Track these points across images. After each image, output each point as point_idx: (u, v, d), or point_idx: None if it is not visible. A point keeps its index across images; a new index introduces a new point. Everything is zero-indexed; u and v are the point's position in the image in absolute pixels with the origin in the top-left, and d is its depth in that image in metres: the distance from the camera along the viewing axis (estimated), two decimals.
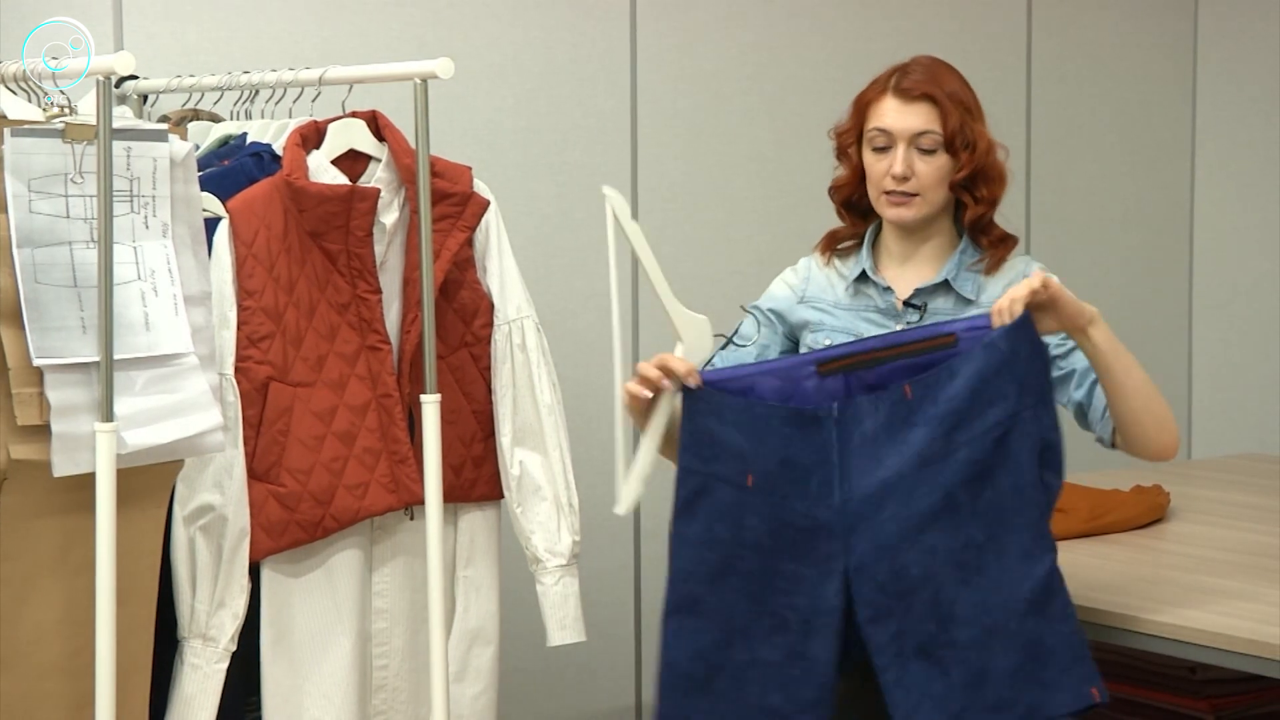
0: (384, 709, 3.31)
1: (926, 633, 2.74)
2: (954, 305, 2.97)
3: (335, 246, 3.18)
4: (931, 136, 2.95)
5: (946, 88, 2.96)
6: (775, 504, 2.77)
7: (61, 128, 2.66)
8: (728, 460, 2.78)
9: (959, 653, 2.74)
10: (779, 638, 2.78)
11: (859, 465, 2.75)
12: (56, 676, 2.73)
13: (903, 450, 2.74)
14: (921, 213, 2.97)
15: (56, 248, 2.65)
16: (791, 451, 2.76)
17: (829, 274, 3.07)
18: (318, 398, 3.16)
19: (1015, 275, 2.99)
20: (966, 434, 2.73)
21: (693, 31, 4.49)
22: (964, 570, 2.74)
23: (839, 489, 2.76)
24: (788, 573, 2.77)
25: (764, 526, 2.77)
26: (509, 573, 3.47)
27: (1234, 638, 2.98)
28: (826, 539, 2.76)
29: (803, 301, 3.07)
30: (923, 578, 2.74)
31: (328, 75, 3.20)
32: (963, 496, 2.73)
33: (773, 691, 2.78)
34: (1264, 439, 5.19)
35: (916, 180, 2.95)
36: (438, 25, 4.12)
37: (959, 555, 2.74)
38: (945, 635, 2.74)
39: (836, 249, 3.09)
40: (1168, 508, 3.95)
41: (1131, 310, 5.38)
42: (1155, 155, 5.40)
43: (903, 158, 2.95)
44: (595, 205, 4.34)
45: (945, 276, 2.97)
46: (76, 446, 2.64)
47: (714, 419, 2.78)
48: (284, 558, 3.17)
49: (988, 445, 2.73)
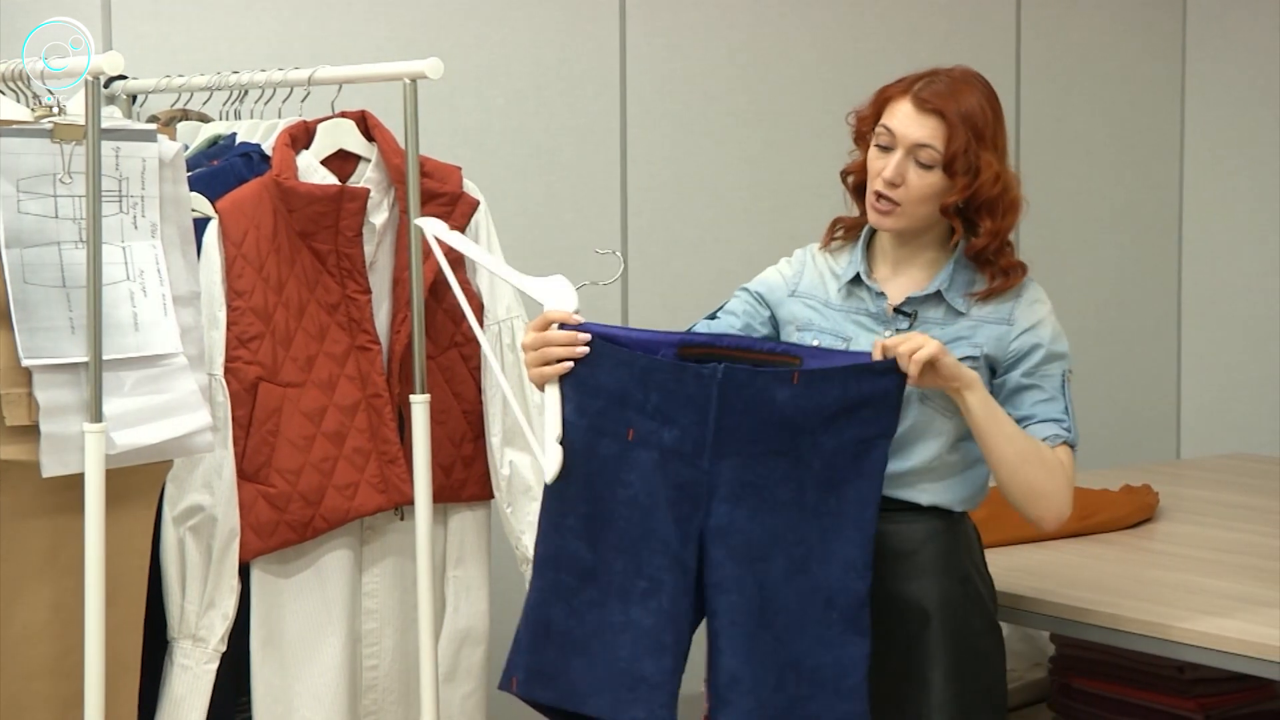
0: (374, 709, 3.31)
1: (757, 610, 2.78)
2: (944, 315, 2.95)
3: (324, 247, 3.17)
4: (930, 152, 2.90)
5: (963, 107, 2.90)
6: (654, 461, 2.79)
7: (50, 128, 2.66)
8: (610, 412, 2.79)
9: (776, 639, 2.78)
10: (653, 601, 2.80)
11: (728, 431, 2.77)
12: (45, 677, 2.73)
13: (772, 431, 2.77)
14: (900, 224, 2.93)
15: (45, 248, 2.65)
16: (671, 408, 2.78)
17: (823, 269, 3.05)
18: (307, 398, 3.16)
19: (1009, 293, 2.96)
20: (832, 439, 2.77)
21: (682, 32, 4.49)
22: (793, 564, 2.78)
23: (710, 451, 2.78)
24: (661, 533, 2.79)
25: (641, 484, 2.79)
26: (499, 573, 3.47)
27: (1222, 637, 2.99)
28: (691, 500, 2.78)
29: (794, 295, 3.06)
30: (760, 557, 2.78)
31: (317, 75, 3.19)
32: (811, 496, 2.78)
33: (644, 657, 2.79)
34: (1252, 439, 5.20)
35: (904, 190, 2.91)
36: (427, 25, 4.11)
37: (793, 548, 2.78)
38: (766, 618, 2.78)
39: (835, 237, 3.07)
40: (1156, 507, 3.96)
41: (1121, 309, 5.39)
42: (1144, 155, 5.41)
43: (896, 164, 2.91)
44: (585, 205, 4.37)
45: (938, 287, 2.96)
46: (65, 447, 2.64)
47: (596, 368, 2.80)
48: (274, 558, 3.17)
49: (847, 456, 2.78)
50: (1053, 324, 2.97)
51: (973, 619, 2.93)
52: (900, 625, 2.90)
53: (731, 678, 2.78)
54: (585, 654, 2.82)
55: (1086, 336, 5.26)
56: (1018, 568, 3.41)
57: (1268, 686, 3.74)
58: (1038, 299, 2.98)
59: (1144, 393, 5.44)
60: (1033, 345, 2.93)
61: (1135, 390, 5.42)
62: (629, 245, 4.42)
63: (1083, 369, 5.20)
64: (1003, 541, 3.55)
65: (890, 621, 2.88)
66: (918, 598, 2.91)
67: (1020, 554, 3.55)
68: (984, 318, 2.94)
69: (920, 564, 2.91)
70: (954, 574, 2.92)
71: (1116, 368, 5.37)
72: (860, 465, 2.78)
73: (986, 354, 2.92)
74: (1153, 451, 5.38)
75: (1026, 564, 3.47)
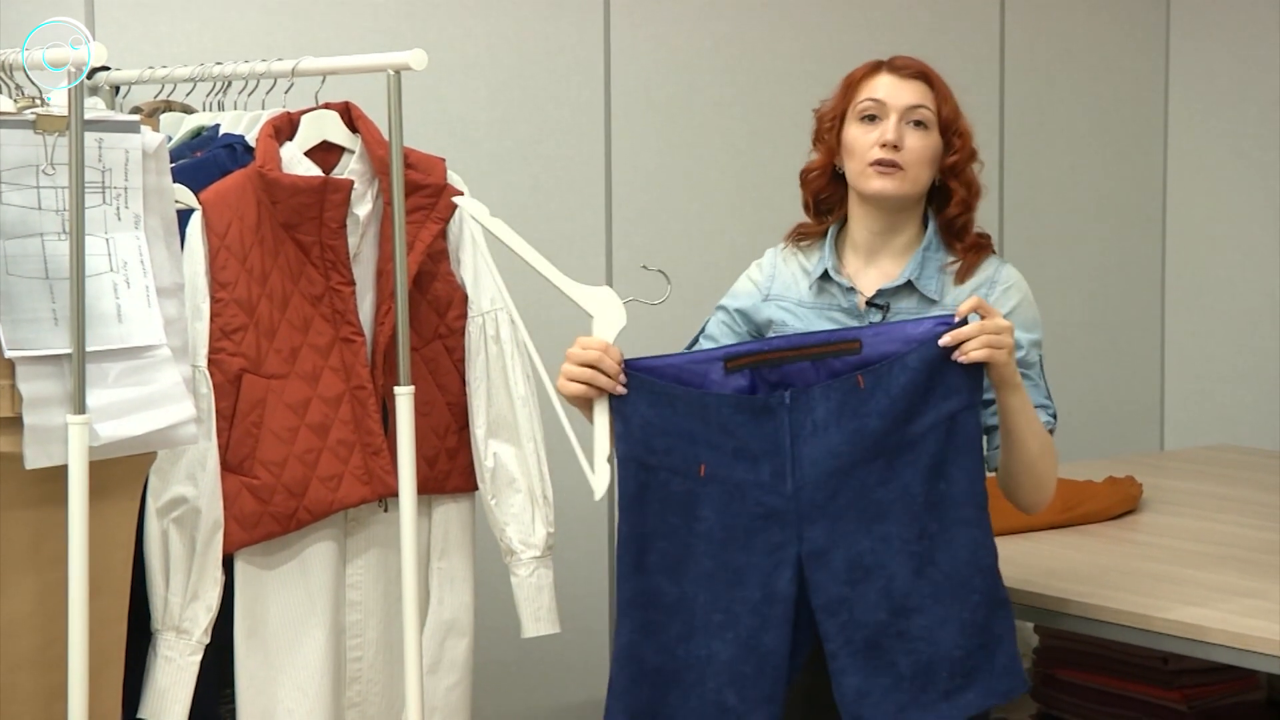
0: (358, 700, 3.31)
1: (877, 622, 2.76)
2: (918, 305, 2.95)
3: (308, 238, 3.17)
4: (925, 112, 2.93)
5: (937, 76, 2.98)
6: (729, 493, 2.78)
7: (33, 119, 2.65)
8: (678, 451, 2.79)
9: (909, 644, 2.76)
10: (730, 633, 2.79)
11: (811, 454, 2.76)
12: (28, 669, 2.72)
13: (856, 440, 2.75)
14: (903, 189, 2.94)
15: (28, 239, 2.64)
16: (744, 440, 2.77)
17: (794, 268, 3.06)
18: (291, 390, 3.15)
19: (984, 278, 2.97)
20: (920, 426, 2.75)
21: (666, 23, 4.49)
22: (917, 560, 2.76)
23: (791, 477, 2.77)
24: (738, 565, 2.78)
25: (717, 518, 2.79)
26: (483, 565, 3.47)
27: (1206, 628, 2.99)
28: (779, 527, 2.77)
29: (768, 299, 3.06)
30: (876, 566, 2.76)
31: (301, 66, 3.19)
32: (918, 488, 2.76)
33: (726, 688, 2.79)
34: (1236, 430, 5.21)
35: (906, 153, 2.93)
36: (411, 16, 4.11)
37: (913, 545, 2.76)
38: (895, 626, 2.76)
39: (801, 237, 3.08)
40: (1140, 499, 3.96)
41: (1104, 302, 5.40)
42: (1128, 147, 5.42)
43: (895, 126, 2.92)
44: (570, 197, 4.36)
45: (909, 277, 2.96)
46: (49, 439, 2.64)
47: (658, 409, 2.79)
48: (258, 550, 3.16)
49: (940, 438, 2.76)
50: (1027, 309, 2.97)
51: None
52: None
53: (858, 693, 2.76)
54: (679, 686, 2.82)
55: (1070, 328, 5.27)
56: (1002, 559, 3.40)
57: (1251, 677, 3.75)
58: (1012, 284, 2.98)
59: (1128, 384, 5.45)
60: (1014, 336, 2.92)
61: (1119, 382, 5.43)
62: (613, 237, 4.42)
63: (1066, 360, 5.24)
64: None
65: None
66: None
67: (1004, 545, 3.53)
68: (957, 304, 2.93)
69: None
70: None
71: (1100, 359, 5.38)
72: (956, 441, 2.75)
73: None
74: (1136, 443, 5.40)
75: (1010, 555, 3.46)
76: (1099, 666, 3.76)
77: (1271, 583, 3.23)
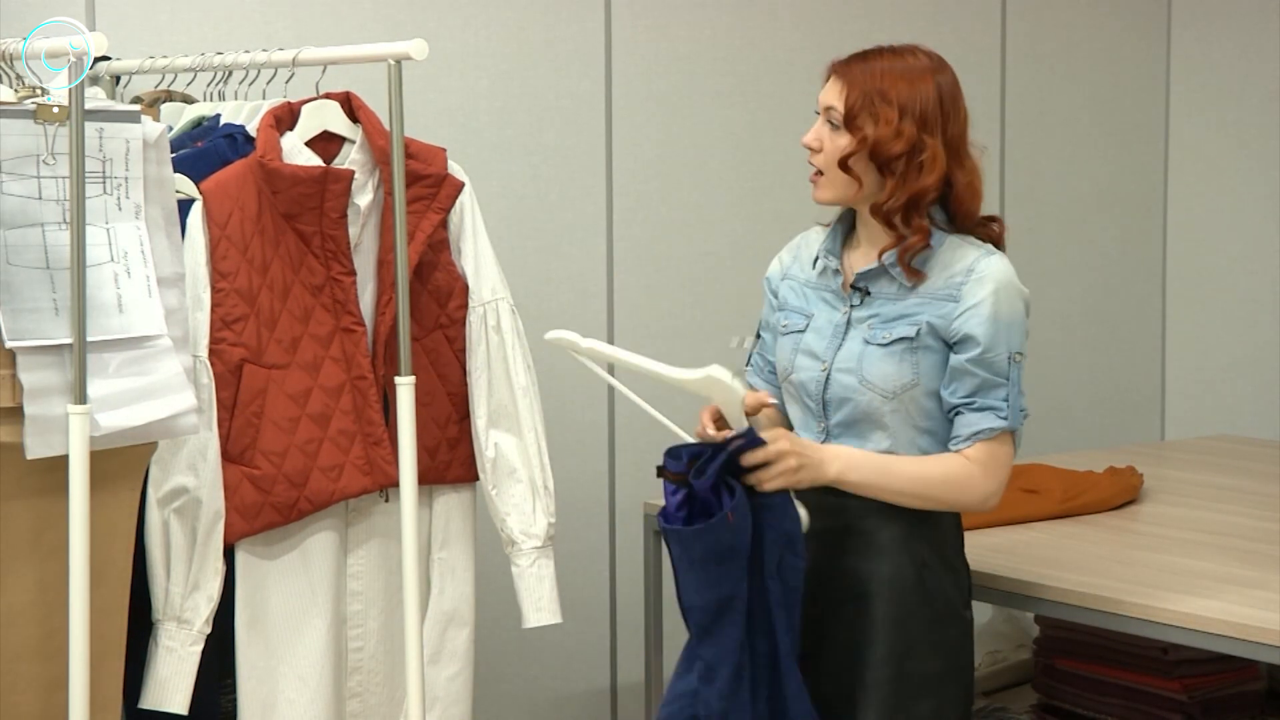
0: (359, 690, 3.31)
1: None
2: (896, 290, 2.94)
3: (309, 228, 3.17)
4: (834, 112, 2.93)
5: (872, 69, 2.90)
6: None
7: (33, 109, 2.65)
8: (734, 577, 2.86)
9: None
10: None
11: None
12: (30, 659, 2.73)
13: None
14: (826, 194, 2.96)
15: (29, 229, 2.64)
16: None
17: (813, 248, 3.08)
18: (292, 380, 3.15)
19: (962, 266, 2.92)
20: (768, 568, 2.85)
21: (667, 13, 4.48)
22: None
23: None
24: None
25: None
26: (484, 555, 3.47)
27: (1206, 618, 2.99)
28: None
29: (785, 279, 3.11)
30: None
31: (301, 56, 3.19)
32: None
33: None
34: (1237, 420, 5.21)
35: (821, 155, 2.95)
36: (411, 6, 4.11)
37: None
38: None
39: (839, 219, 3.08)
40: (1141, 489, 3.96)
41: (1105, 292, 5.39)
42: (1129, 137, 5.41)
43: (814, 130, 2.95)
44: (570, 187, 4.36)
45: (884, 261, 2.94)
46: (50, 429, 2.64)
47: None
48: (259, 540, 3.16)
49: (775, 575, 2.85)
50: (995, 304, 2.88)
51: (922, 607, 2.92)
52: (849, 599, 2.93)
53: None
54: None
55: (1071, 318, 5.27)
56: (1002, 549, 3.42)
57: (1251, 667, 3.75)
58: (986, 275, 2.90)
59: (1129, 374, 5.44)
60: (974, 327, 2.88)
61: (1120, 372, 5.42)
62: (614, 227, 4.42)
63: (1067, 351, 5.24)
64: (987, 524, 3.55)
65: (840, 593, 2.92)
66: (866, 576, 2.92)
67: (1004, 535, 3.55)
68: (933, 293, 2.92)
69: (877, 543, 2.92)
70: (910, 559, 2.91)
71: (1101, 350, 5.38)
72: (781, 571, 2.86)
73: (934, 329, 2.89)
74: (1137, 433, 5.39)
75: (1010, 546, 3.47)
76: (1099, 656, 3.76)
77: (1271, 572, 3.23)
